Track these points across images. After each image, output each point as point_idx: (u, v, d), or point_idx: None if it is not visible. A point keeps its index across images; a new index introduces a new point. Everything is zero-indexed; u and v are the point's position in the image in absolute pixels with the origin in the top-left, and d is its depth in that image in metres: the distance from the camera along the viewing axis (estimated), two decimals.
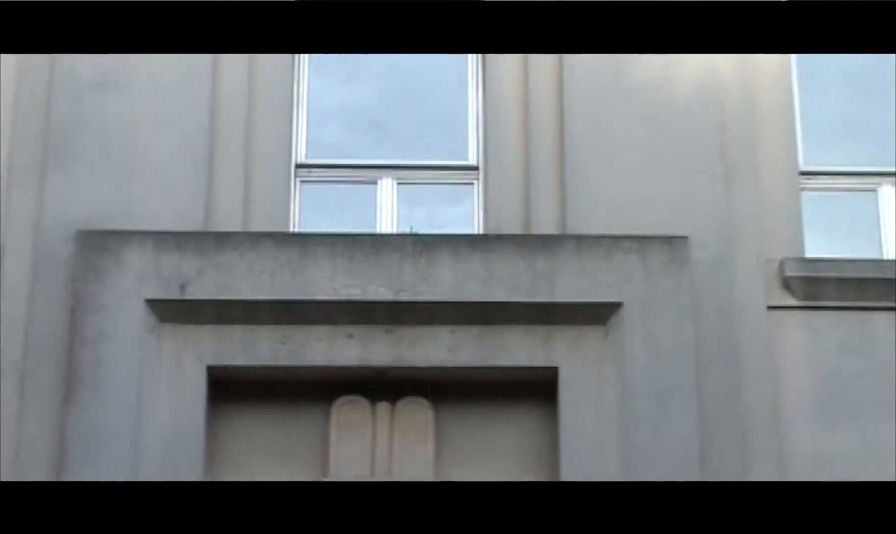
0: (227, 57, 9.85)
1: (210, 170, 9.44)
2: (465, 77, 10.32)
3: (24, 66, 9.74)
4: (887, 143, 10.06)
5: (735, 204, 9.48)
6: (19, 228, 9.15)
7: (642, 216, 9.32)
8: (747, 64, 9.98)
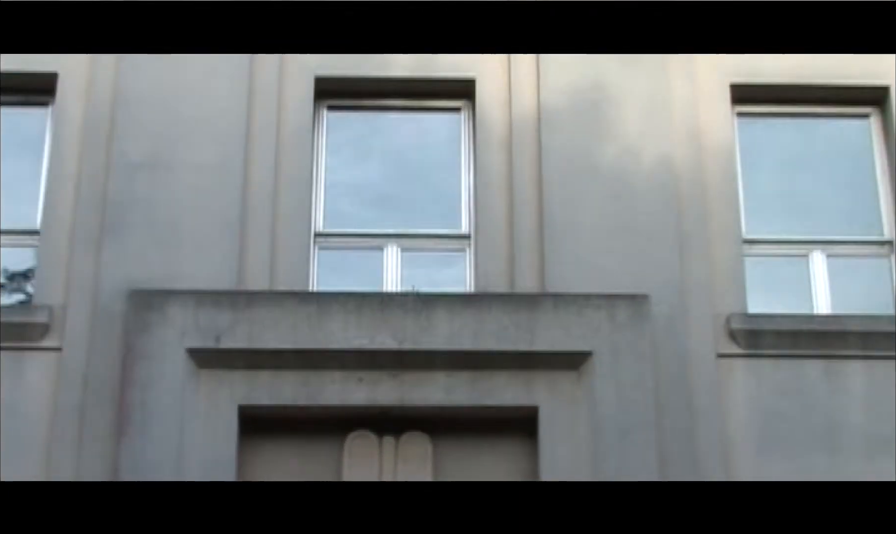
0: (258, 142, 9.81)
1: (241, 238, 9.42)
2: (458, 158, 10.29)
3: (85, 149, 9.70)
4: (817, 215, 10.07)
5: (688, 267, 9.47)
6: (80, 287, 9.19)
7: (609, 278, 9.33)
8: (698, 146, 9.91)
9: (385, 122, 10.53)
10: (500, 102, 10.19)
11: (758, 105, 10.43)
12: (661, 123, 10.02)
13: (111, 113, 9.86)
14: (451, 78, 10.30)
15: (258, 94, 9.99)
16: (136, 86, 9.89)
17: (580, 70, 10.14)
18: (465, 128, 10.35)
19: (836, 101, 10.44)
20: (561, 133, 9.96)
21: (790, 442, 8.91)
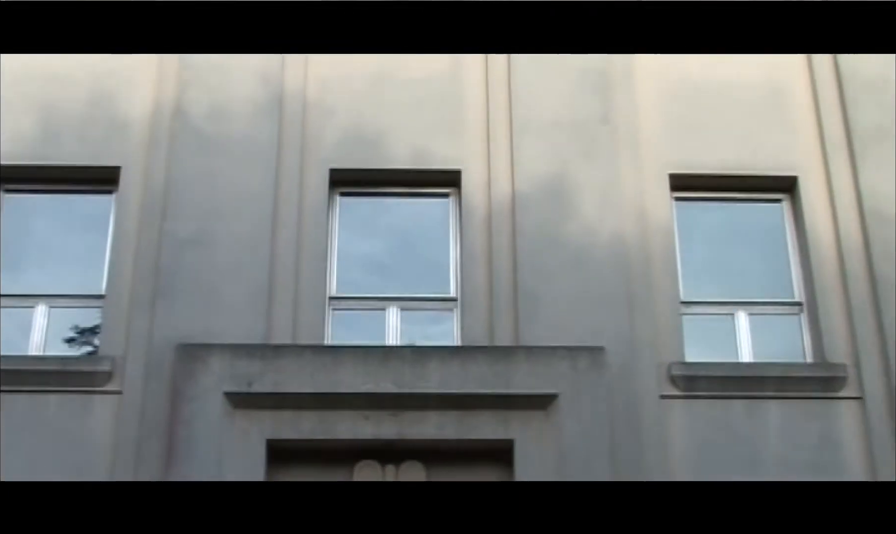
0: (282, 222, 9.84)
1: (269, 301, 9.49)
2: (447, 235, 10.25)
3: (142, 227, 9.79)
4: (741, 281, 10.16)
5: (636, 324, 9.53)
6: (137, 341, 9.32)
7: (572, 333, 9.34)
8: (644, 225, 9.96)
9: (387, 206, 10.51)
10: (481, 189, 10.22)
11: (692, 191, 10.43)
12: (614, 207, 10.04)
13: (163, 199, 9.94)
14: (441, 169, 10.32)
15: (283, 182, 10.05)
16: (182, 176, 9.98)
17: (548, 162, 10.20)
18: (453, 210, 10.36)
19: (754, 189, 10.48)
20: (532, 214, 10.00)
21: (720, 468, 8.97)
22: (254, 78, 10.35)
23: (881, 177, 10.10)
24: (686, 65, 10.69)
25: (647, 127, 10.49)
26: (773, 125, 10.51)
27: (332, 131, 10.40)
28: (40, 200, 10.27)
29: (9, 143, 10.10)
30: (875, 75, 10.54)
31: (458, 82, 10.65)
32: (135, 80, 10.42)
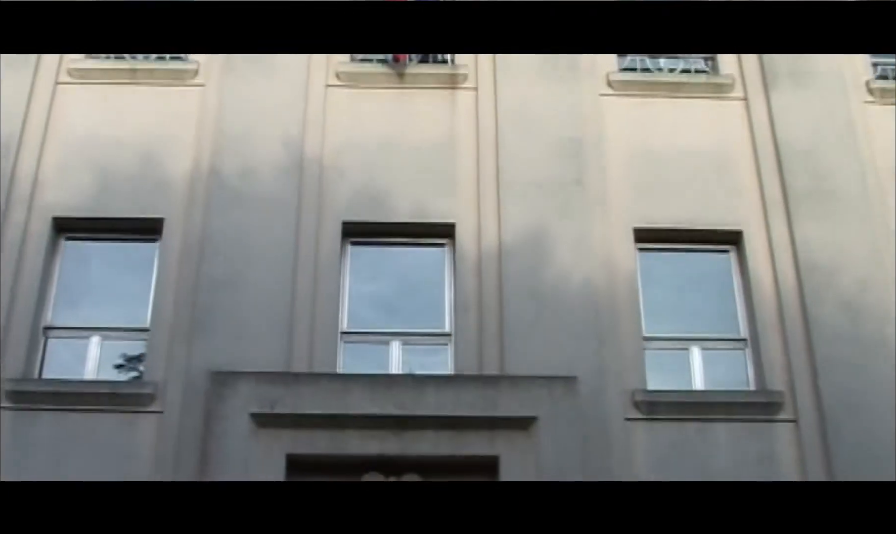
0: (301, 267, 9.84)
1: (289, 335, 9.54)
2: (442, 279, 10.21)
3: (181, 270, 9.85)
4: (694, 321, 10.14)
5: (605, 357, 9.56)
6: (176, 369, 9.38)
7: (550, 364, 9.34)
8: (612, 272, 9.98)
9: (391, 254, 10.49)
10: (472, 240, 10.22)
11: (653, 243, 10.41)
12: (586, 255, 10.03)
13: (200, 246, 9.97)
14: (437, 222, 10.32)
15: (302, 233, 10.08)
16: (217, 227, 10.00)
17: (530, 217, 10.18)
18: (448, 258, 10.33)
19: (706, 241, 10.45)
20: (516, 262, 9.99)
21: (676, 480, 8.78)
22: (278, 143, 10.41)
23: (813, 231, 10.18)
24: (648, 134, 10.79)
25: (615, 187, 10.50)
26: (722, 187, 10.57)
27: (345, 190, 10.43)
28: (95, 246, 10.35)
29: (69, 198, 10.24)
30: (808, 145, 10.65)
31: (452, 149, 10.68)
32: (177, 144, 10.50)
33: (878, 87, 11.12)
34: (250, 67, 10.80)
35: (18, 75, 10.60)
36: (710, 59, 11.47)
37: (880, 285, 9.92)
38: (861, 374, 9.47)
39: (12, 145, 10.25)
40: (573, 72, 10.98)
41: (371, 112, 10.85)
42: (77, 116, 10.66)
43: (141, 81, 10.90)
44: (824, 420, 9.35)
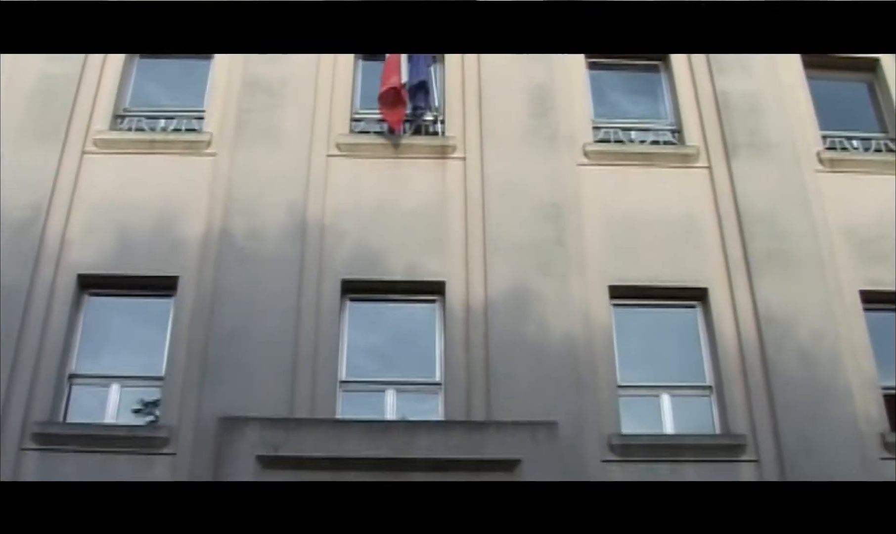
0: (304, 322, 9.96)
1: (292, 383, 9.69)
2: (433, 333, 10.36)
3: (194, 323, 9.99)
4: (665, 370, 10.33)
5: (583, 403, 9.69)
6: (188, 414, 9.54)
7: (532, 410, 9.46)
8: (589, 325, 10.13)
9: (386, 309, 10.60)
10: (461, 297, 10.37)
11: (626, 299, 10.58)
12: (565, 311, 10.20)
13: (211, 301, 10.14)
14: (429, 280, 10.47)
15: (305, 290, 10.24)
16: (226, 284, 10.17)
17: (514, 276, 10.34)
18: (439, 313, 10.45)
19: (674, 297, 10.64)
20: (501, 317, 10.14)
21: None
22: (283, 208, 10.65)
23: (772, 288, 10.46)
24: (621, 200, 11.06)
25: (591, 248, 10.72)
26: (689, 248, 10.82)
27: (344, 250, 10.62)
28: (115, 301, 10.58)
29: (93, 257, 10.50)
30: (766, 209, 10.96)
31: (443, 213, 10.89)
32: (191, 208, 10.74)
33: (827, 158, 11.54)
34: (258, 138, 11.14)
35: (49, 146, 10.97)
36: (676, 131, 11.86)
37: (833, 336, 10.21)
38: (817, 417, 9.70)
39: (42, 209, 10.54)
40: (553, 143, 11.32)
41: (368, 179, 11.10)
42: (101, 183, 10.94)
43: (159, 151, 11.22)
44: (783, 460, 9.54)
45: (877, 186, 11.23)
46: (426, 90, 11.54)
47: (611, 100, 12.24)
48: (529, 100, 11.61)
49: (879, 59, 12.40)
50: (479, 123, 11.49)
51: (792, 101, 11.91)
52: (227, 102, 11.56)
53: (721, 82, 11.91)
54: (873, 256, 10.81)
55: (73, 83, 11.50)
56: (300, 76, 11.63)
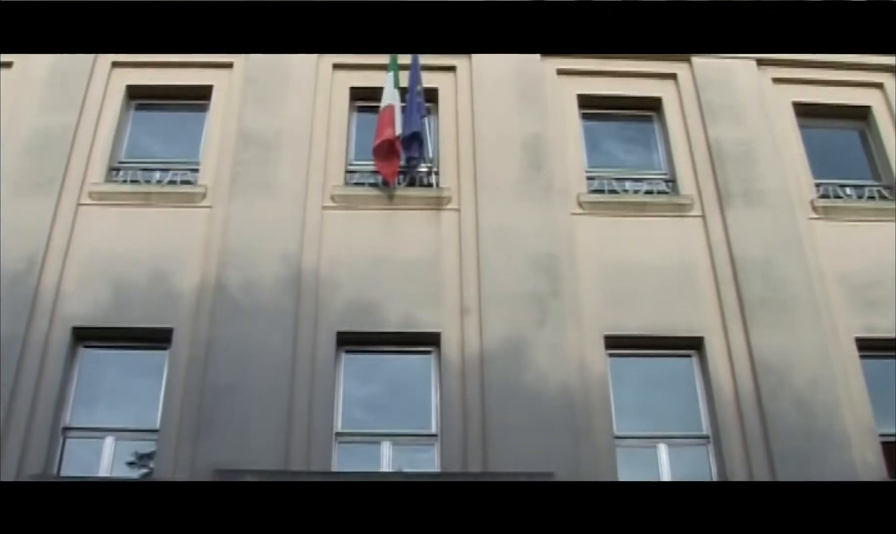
0: (299, 374, 10.02)
1: (288, 436, 9.74)
2: (429, 384, 10.44)
3: (189, 376, 10.06)
4: (662, 420, 10.38)
5: (580, 453, 9.72)
6: (183, 466, 9.59)
7: (529, 461, 9.48)
8: (585, 375, 10.23)
9: (382, 360, 10.74)
10: (457, 348, 10.47)
11: (622, 349, 10.69)
12: (561, 361, 10.27)
13: (206, 354, 10.22)
14: (424, 332, 10.54)
15: (300, 342, 10.34)
16: (221, 337, 10.26)
17: (510, 327, 10.43)
18: (434, 364, 10.55)
19: (670, 347, 10.76)
20: (497, 368, 10.22)
21: None
22: (278, 259, 10.79)
23: (767, 336, 10.61)
24: (616, 250, 11.22)
25: (587, 298, 10.86)
26: (684, 297, 10.95)
27: (339, 302, 10.73)
28: (110, 353, 10.67)
29: (88, 309, 10.61)
30: (760, 257, 11.14)
31: (438, 264, 11.02)
32: (186, 260, 10.87)
33: (821, 205, 11.79)
34: (253, 191, 11.35)
35: (44, 198, 11.18)
36: (670, 181, 12.11)
37: (829, 384, 10.36)
38: (814, 464, 9.77)
39: (37, 261, 10.70)
40: (547, 193, 11.53)
41: (363, 231, 11.26)
42: (96, 235, 11.11)
43: (154, 203, 11.41)
44: None
45: (871, 233, 11.48)
46: (420, 141, 11.74)
47: (604, 150, 12.50)
48: (523, 150, 11.86)
49: (871, 107, 12.73)
50: (473, 174, 11.71)
51: (785, 150, 12.19)
52: (222, 154, 11.79)
53: (714, 131, 12.19)
54: (868, 302, 11.00)
55: (69, 135, 11.73)
56: (295, 128, 11.88)
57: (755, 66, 12.78)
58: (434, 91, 12.46)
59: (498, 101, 12.27)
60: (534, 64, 12.58)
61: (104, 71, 12.40)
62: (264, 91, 12.20)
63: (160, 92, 12.51)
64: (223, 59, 12.47)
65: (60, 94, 12.06)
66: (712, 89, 12.54)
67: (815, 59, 12.65)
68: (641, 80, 12.77)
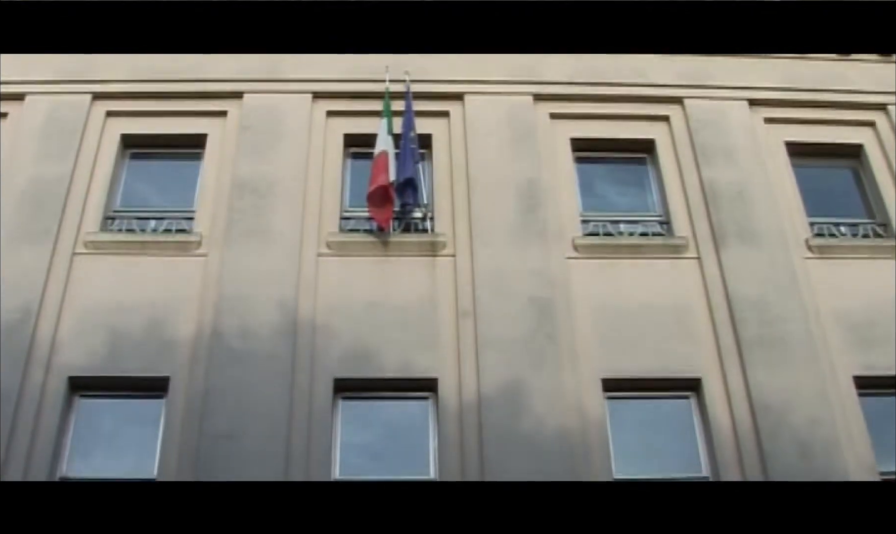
0: (297, 421, 10.06)
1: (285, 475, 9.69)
2: (427, 429, 10.50)
3: (185, 425, 10.12)
4: (660, 460, 10.37)
5: None
6: None
7: None
8: (584, 418, 10.30)
9: (379, 407, 10.78)
10: (454, 393, 10.56)
11: (620, 391, 10.79)
12: (558, 405, 10.36)
13: (202, 402, 10.29)
14: (421, 377, 10.63)
15: (297, 389, 10.41)
16: (218, 385, 10.33)
17: (506, 371, 10.51)
18: (432, 410, 10.63)
19: (668, 388, 10.85)
20: (495, 412, 10.29)
21: None
22: (274, 306, 10.91)
23: (765, 375, 10.72)
24: (612, 292, 11.34)
25: (583, 341, 10.95)
26: (681, 338, 11.07)
27: (336, 348, 10.82)
28: (106, 403, 10.72)
29: (84, 359, 10.68)
30: (756, 297, 11.27)
31: (434, 309, 11.12)
32: (182, 309, 10.97)
33: (816, 244, 11.97)
34: (248, 238, 11.51)
35: (39, 247, 11.32)
36: (665, 222, 12.30)
37: (829, 423, 10.46)
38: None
39: (32, 311, 10.82)
40: (542, 237, 11.67)
41: (359, 277, 11.39)
42: (92, 284, 11.23)
43: (149, 252, 11.54)
44: None
45: (866, 271, 11.67)
46: (414, 187, 11.91)
47: (598, 192, 12.69)
48: (517, 194, 12.06)
49: (863, 145, 12.99)
50: (468, 220, 11.87)
51: (779, 189, 12.40)
52: (217, 202, 11.97)
53: (707, 172, 12.41)
54: (866, 340, 11.15)
55: (64, 184, 11.91)
56: (289, 175, 12.08)
57: (747, 107, 13.05)
58: (428, 137, 12.67)
59: (491, 146, 12.49)
60: (527, 108, 12.84)
61: (99, 120, 12.63)
62: (258, 139, 12.41)
63: (155, 141, 12.72)
64: (217, 107, 12.74)
65: (55, 143, 12.26)
66: (705, 131, 12.78)
67: (806, 98, 12.96)
68: (634, 122, 13.02)
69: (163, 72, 12.88)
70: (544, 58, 13.12)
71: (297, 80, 12.92)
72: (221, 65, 12.89)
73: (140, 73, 12.89)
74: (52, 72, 12.83)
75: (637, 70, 13.25)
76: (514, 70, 13.14)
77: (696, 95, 13.10)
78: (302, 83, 12.90)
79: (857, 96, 13.14)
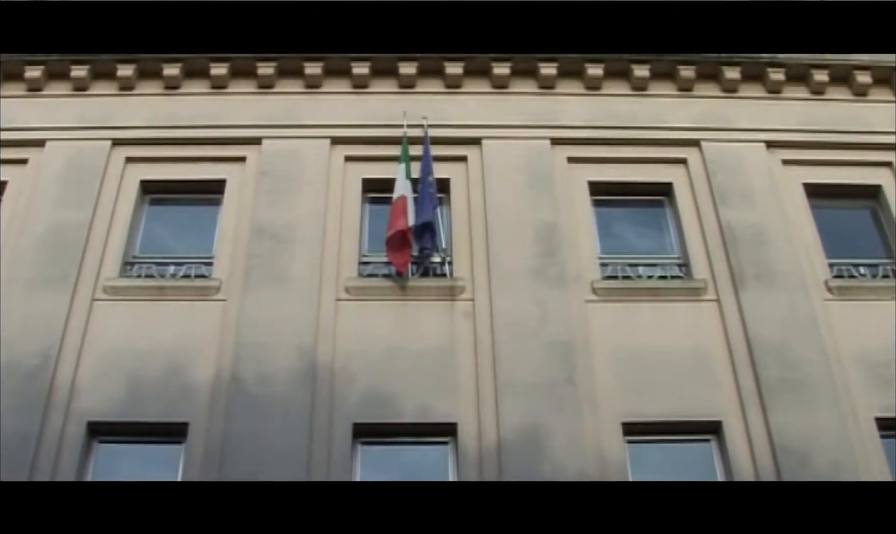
0: (315, 466, 10.10)
1: None
2: (446, 474, 10.47)
3: (205, 470, 10.12)
4: None
5: None
6: None
7: None
8: (602, 462, 10.29)
9: (399, 452, 10.83)
10: (473, 438, 10.60)
11: (640, 435, 10.81)
12: (578, 450, 10.40)
13: (221, 447, 10.35)
14: (440, 422, 10.69)
15: (316, 435, 10.47)
16: (237, 430, 10.43)
17: (526, 416, 10.55)
18: (451, 454, 10.66)
19: (688, 432, 10.87)
20: (514, 457, 10.33)
21: None
22: (293, 352, 11.01)
23: (786, 418, 10.74)
24: (631, 336, 11.41)
25: (603, 385, 11.01)
26: (701, 381, 11.12)
27: (355, 394, 10.92)
28: (125, 448, 10.83)
29: (101, 404, 10.81)
30: (776, 339, 11.33)
31: (453, 353, 11.21)
32: (201, 354, 11.09)
33: (835, 285, 12.05)
34: (267, 283, 11.64)
35: (58, 293, 11.47)
36: (683, 265, 12.37)
37: (850, 465, 10.46)
38: None
39: (52, 356, 10.94)
40: (561, 281, 11.78)
41: (377, 322, 11.49)
42: (110, 330, 11.38)
43: (168, 297, 11.69)
44: None
45: (886, 311, 11.71)
46: (433, 231, 12.05)
47: (617, 235, 12.81)
48: (536, 238, 12.18)
49: (881, 186, 13.08)
50: (486, 264, 11.98)
51: (797, 230, 12.49)
52: (235, 248, 12.12)
53: (725, 214, 12.50)
54: (887, 381, 11.17)
55: (84, 230, 12.09)
56: (308, 220, 12.23)
57: (764, 149, 13.16)
58: (446, 181, 12.83)
59: (509, 190, 12.62)
60: (544, 152, 12.99)
61: (118, 166, 12.83)
62: (277, 184, 12.58)
63: (174, 186, 12.92)
64: (236, 153, 12.93)
65: (75, 189, 12.46)
66: (722, 173, 12.88)
67: (823, 139, 13.07)
68: (652, 165, 13.15)
69: (182, 118, 13.12)
70: (562, 102, 13.33)
71: (316, 125, 13.13)
72: (240, 111, 13.14)
73: (159, 120, 13.13)
74: (72, 118, 13.08)
75: (654, 113, 13.42)
76: (532, 114, 13.33)
77: (714, 138, 13.22)
78: (320, 129, 13.10)
79: (874, 137, 13.25)
